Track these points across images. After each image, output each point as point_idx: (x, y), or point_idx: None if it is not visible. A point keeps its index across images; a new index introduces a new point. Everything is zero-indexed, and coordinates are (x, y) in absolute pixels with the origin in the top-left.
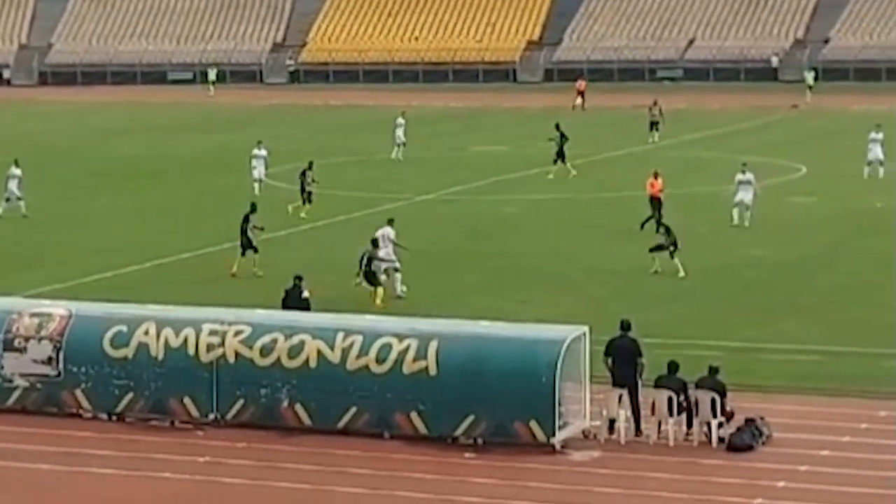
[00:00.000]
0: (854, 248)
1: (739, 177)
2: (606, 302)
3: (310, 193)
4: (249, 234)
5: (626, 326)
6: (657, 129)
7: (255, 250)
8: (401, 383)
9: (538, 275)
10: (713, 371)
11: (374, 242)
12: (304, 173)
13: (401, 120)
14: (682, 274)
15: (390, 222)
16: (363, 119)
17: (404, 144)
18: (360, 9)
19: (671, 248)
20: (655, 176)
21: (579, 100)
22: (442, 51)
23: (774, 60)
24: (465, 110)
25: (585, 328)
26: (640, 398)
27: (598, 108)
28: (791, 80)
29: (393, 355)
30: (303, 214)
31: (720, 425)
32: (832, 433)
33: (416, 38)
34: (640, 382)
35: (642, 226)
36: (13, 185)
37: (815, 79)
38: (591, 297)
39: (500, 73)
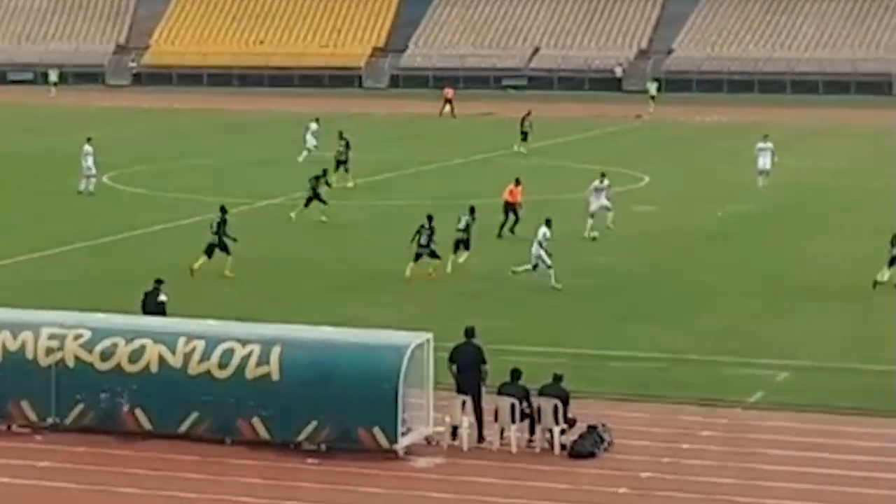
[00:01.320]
0: (696, 256)
1: (596, 184)
2: (451, 308)
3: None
4: (224, 236)
5: (470, 333)
6: (526, 140)
7: (227, 252)
8: (243, 389)
9: (383, 280)
10: (556, 378)
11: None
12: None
13: (314, 125)
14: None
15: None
16: (208, 122)
17: (316, 148)
18: (204, 12)
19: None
20: (517, 183)
21: (447, 107)
22: (288, 55)
23: (618, 70)
24: (311, 115)
25: (429, 335)
26: (484, 405)
27: (443, 114)
28: (635, 90)
29: (235, 360)
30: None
31: (562, 432)
32: (673, 440)
33: (262, 43)
34: (483, 389)
35: (499, 234)
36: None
37: (659, 89)
38: (435, 303)
39: (346, 79)
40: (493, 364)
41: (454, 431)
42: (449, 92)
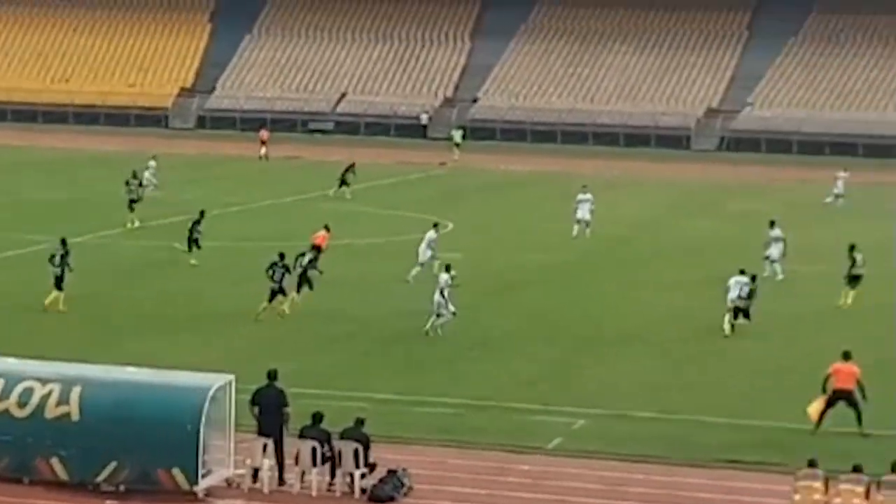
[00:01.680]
0: (499, 302)
1: (431, 234)
2: (254, 350)
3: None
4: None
5: (272, 376)
6: (347, 186)
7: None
8: (42, 428)
9: (188, 321)
10: (358, 422)
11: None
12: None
13: (152, 163)
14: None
15: None
16: (9, 160)
17: (155, 186)
18: (7, 49)
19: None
20: (327, 229)
21: (263, 149)
22: (93, 93)
23: (424, 118)
24: (115, 154)
25: (231, 377)
26: (285, 448)
27: (246, 157)
28: (440, 137)
29: (35, 399)
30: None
31: (363, 476)
32: (473, 485)
33: (67, 80)
34: (285, 432)
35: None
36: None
37: (464, 137)
38: (238, 345)
39: (152, 119)
40: (295, 407)
41: (255, 474)
42: (264, 134)
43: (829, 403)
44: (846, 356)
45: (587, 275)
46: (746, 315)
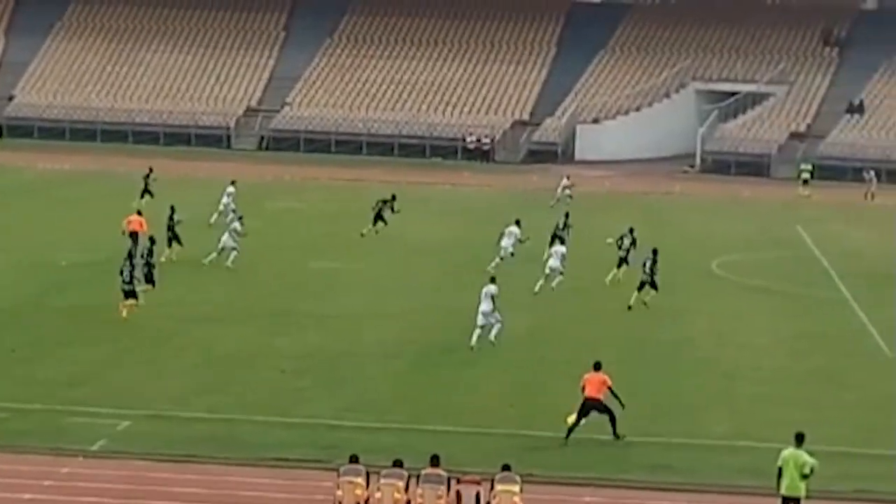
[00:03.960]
0: (39, 305)
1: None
2: None
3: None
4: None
5: None
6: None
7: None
8: None
9: None
10: None
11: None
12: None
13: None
14: None
15: None
16: None
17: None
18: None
19: None
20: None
21: None
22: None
23: None
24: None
25: None
26: None
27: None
28: None
29: None
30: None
31: None
32: (13, 490)
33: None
34: None
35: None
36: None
37: (0, 135)
38: None
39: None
40: None
41: None
42: None
43: (581, 413)
44: (597, 367)
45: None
46: (654, 286)
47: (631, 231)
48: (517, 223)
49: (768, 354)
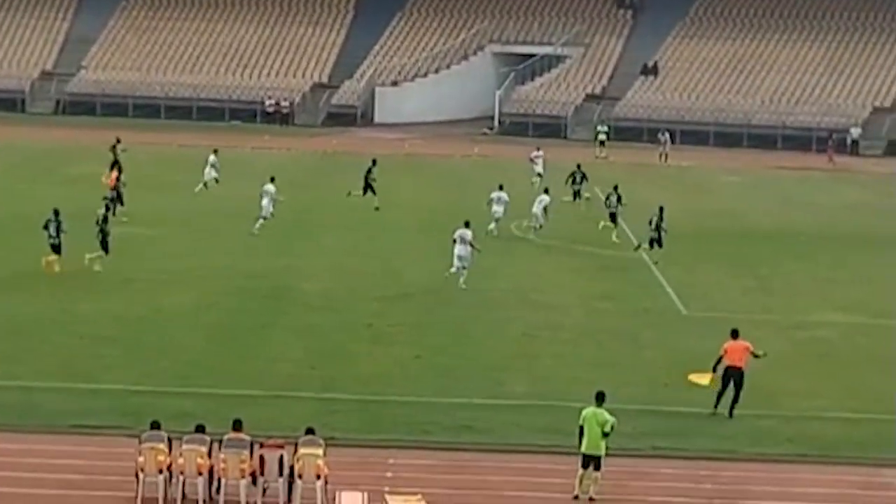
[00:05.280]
0: None
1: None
2: None
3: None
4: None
5: None
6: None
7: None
8: None
9: None
10: None
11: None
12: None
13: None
14: None
15: None
16: None
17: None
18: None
19: None
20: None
21: None
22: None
23: None
24: None
25: None
26: None
27: None
28: None
29: None
30: None
31: None
32: None
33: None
34: None
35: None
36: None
37: None
38: None
39: None
40: None
41: None
42: None
43: (725, 382)
44: (734, 334)
45: None
46: (660, 244)
47: (615, 188)
48: (500, 188)
49: (567, 314)
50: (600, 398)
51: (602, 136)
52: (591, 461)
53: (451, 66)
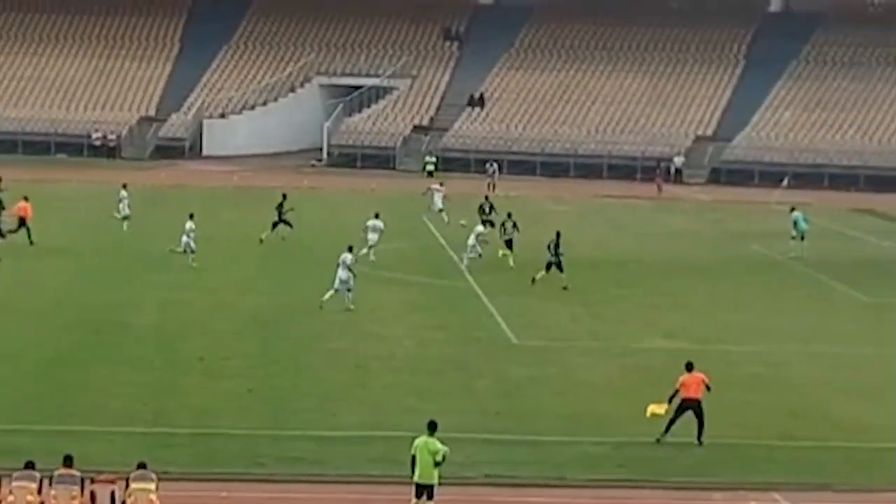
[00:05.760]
0: None
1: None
2: None
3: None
4: None
5: None
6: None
7: None
8: None
9: None
10: None
11: None
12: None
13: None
14: None
15: None
16: None
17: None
18: None
19: None
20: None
21: None
22: None
23: None
24: None
25: None
26: None
27: None
28: None
29: None
30: None
31: None
32: None
33: None
34: None
35: None
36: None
37: None
38: None
39: None
40: None
41: None
42: None
43: (678, 412)
44: (689, 367)
45: None
46: (559, 267)
47: (509, 216)
48: (376, 216)
49: (399, 344)
50: (432, 427)
51: (430, 167)
52: (424, 490)
53: (278, 98)
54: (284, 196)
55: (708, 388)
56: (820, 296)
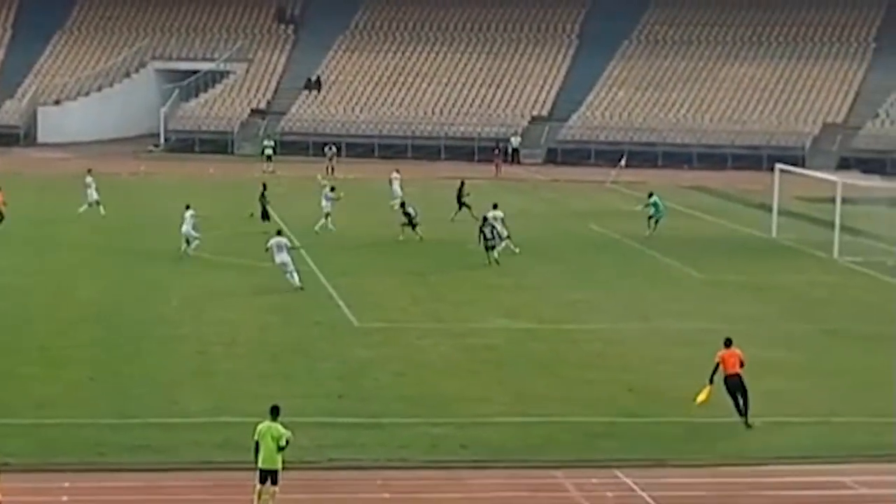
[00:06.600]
0: None
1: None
2: None
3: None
4: None
5: None
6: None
7: None
8: None
9: None
10: None
11: None
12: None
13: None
14: None
15: None
16: None
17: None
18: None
19: None
20: None
21: None
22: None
23: None
24: None
25: None
26: None
27: None
28: None
29: None
30: None
31: None
32: None
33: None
34: None
35: None
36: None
37: None
38: None
39: None
40: None
41: None
42: None
43: (730, 392)
44: (728, 343)
45: None
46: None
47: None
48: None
49: (241, 329)
50: (275, 412)
51: (269, 151)
52: (268, 476)
53: (114, 83)
54: (265, 186)
55: (742, 364)
56: (657, 273)
